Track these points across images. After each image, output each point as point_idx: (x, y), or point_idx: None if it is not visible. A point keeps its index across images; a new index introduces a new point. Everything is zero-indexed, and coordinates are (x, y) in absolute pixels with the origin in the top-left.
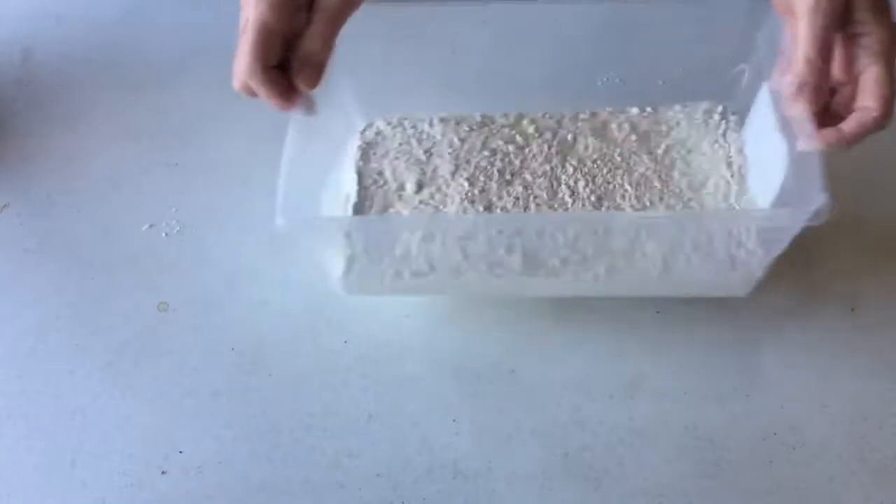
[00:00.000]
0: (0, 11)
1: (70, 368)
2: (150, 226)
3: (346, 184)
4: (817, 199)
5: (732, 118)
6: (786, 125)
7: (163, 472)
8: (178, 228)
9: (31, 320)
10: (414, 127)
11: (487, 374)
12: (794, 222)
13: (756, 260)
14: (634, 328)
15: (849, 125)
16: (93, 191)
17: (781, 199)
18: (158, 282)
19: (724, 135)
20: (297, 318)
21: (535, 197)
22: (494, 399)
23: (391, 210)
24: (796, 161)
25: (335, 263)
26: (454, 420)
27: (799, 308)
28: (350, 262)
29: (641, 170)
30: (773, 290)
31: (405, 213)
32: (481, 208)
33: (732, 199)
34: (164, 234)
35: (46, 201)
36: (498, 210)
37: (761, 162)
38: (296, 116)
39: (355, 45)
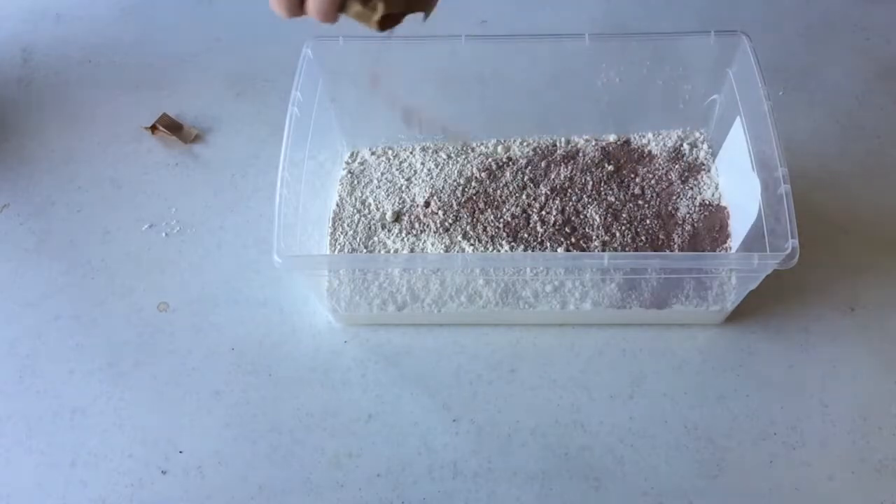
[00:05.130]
0: (0, 11)
1: (70, 368)
2: (150, 226)
3: (335, 213)
4: (787, 245)
5: (703, 146)
6: (759, 164)
7: (163, 472)
8: (178, 228)
9: (31, 320)
10: (396, 156)
11: (487, 375)
12: (763, 267)
13: (728, 296)
14: (635, 328)
15: None
16: (93, 191)
17: (751, 236)
18: (158, 282)
19: (695, 164)
20: (297, 317)
21: (506, 225)
22: (494, 399)
23: (374, 239)
24: (768, 202)
25: (327, 295)
26: (454, 420)
27: (799, 308)
28: (339, 294)
29: (611, 199)
30: (774, 291)
31: (388, 242)
32: (459, 237)
33: (703, 231)
34: (164, 234)
35: (46, 201)
36: (470, 240)
37: (734, 197)
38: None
39: (340, 76)
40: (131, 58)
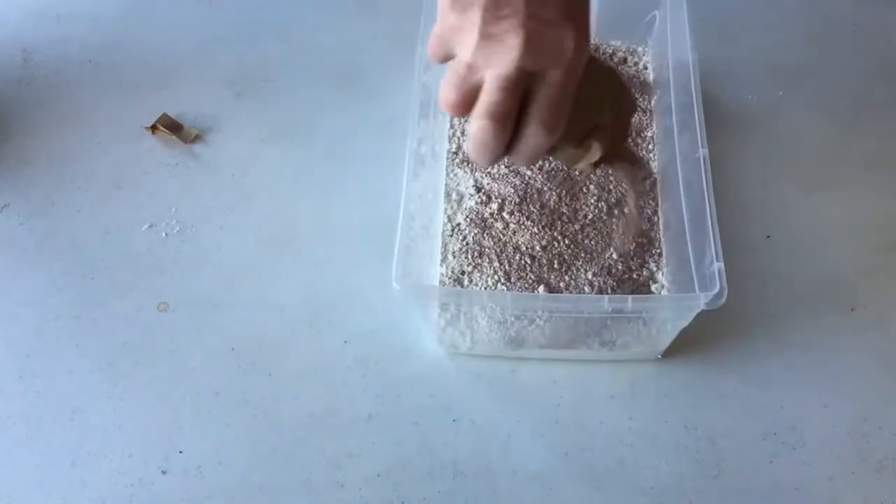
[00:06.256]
0: (0, 11)
1: (70, 368)
2: (150, 226)
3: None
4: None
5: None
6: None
7: (163, 472)
8: (178, 228)
9: (31, 320)
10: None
11: (487, 374)
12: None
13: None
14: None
15: None
16: (93, 191)
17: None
18: (158, 282)
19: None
20: (297, 318)
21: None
22: (494, 399)
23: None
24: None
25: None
26: (454, 420)
27: (799, 308)
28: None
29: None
30: (773, 291)
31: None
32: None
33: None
34: (164, 234)
35: (46, 201)
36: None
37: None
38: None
39: None
40: (131, 58)
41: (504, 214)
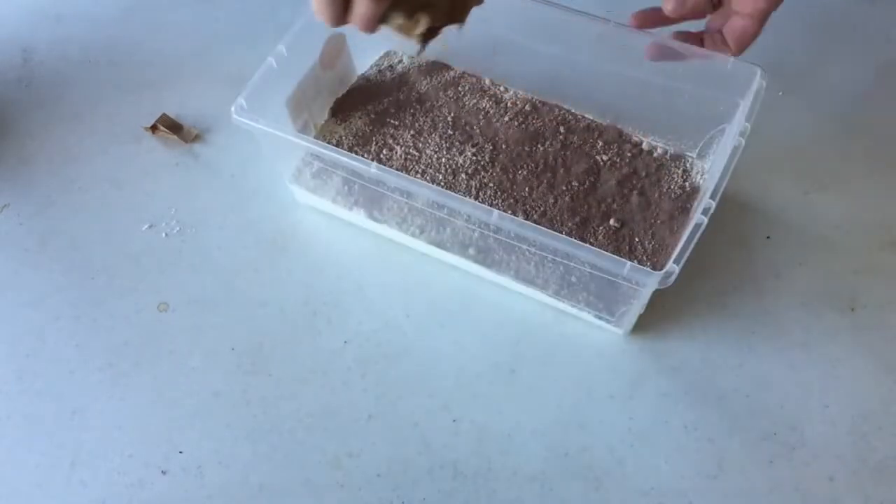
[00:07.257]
0: (0, 11)
1: (70, 368)
2: (150, 226)
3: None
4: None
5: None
6: None
7: (163, 472)
8: (178, 228)
9: (31, 320)
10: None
11: (487, 374)
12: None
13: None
14: (634, 328)
15: None
16: (93, 191)
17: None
18: (158, 282)
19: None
20: (297, 318)
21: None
22: (494, 399)
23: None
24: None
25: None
26: (454, 420)
27: (799, 308)
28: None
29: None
30: (773, 292)
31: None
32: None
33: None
34: (164, 234)
35: (46, 201)
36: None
37: None
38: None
39: None
40: (131, 58)
41: None
